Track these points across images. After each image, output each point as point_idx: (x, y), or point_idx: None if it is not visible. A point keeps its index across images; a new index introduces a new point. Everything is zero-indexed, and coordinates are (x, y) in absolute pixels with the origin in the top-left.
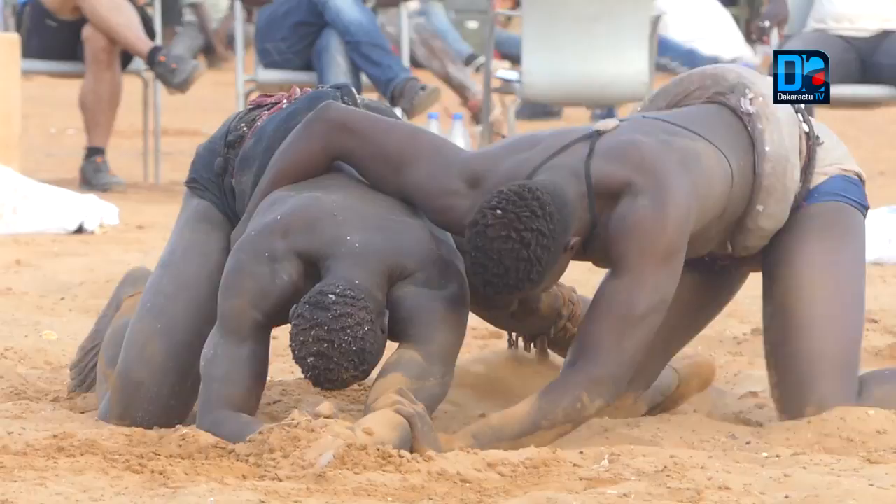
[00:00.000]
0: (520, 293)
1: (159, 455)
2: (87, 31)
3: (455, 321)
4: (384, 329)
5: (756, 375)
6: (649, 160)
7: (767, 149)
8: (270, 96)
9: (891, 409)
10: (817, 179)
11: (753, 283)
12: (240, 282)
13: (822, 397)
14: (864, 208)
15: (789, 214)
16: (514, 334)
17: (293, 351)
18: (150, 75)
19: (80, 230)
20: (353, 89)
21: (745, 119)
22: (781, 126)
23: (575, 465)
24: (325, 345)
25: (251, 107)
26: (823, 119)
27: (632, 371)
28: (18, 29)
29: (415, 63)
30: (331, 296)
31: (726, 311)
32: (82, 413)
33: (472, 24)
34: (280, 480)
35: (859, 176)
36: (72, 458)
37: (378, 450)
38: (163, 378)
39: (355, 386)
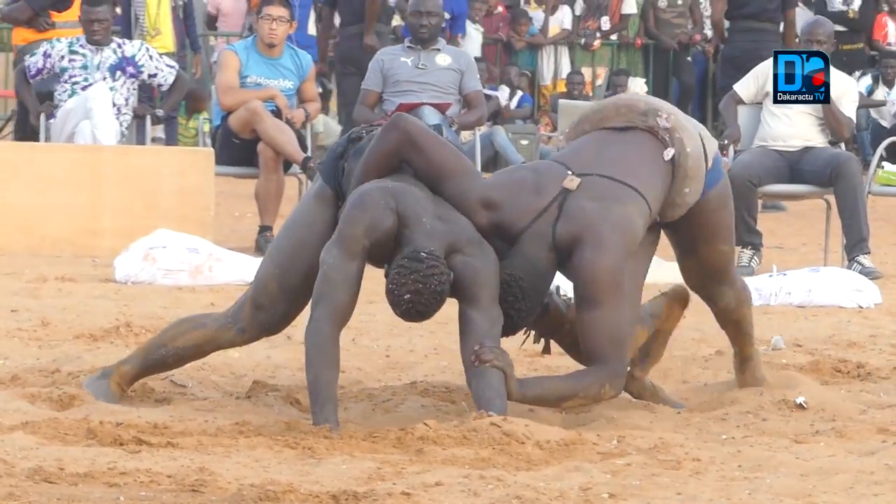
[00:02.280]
0: (515, 330)
1: (308, 436)
2: (260, 146)
3: (490, 277)
4: (451, 283)
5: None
6: (594, 222)
7: (689, 150)
8: (385, 118)
9: None
10: (709, 162)
11: (710, 321)
12: (361, 216)
13: (735, 287)
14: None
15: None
16: (531, 331)
17: (392, 291)
18: (303, 176)
19: None
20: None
21: (664, 133)
22: (691, 132)
23: (594, 443)
24: (420, 285)
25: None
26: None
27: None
28: (213, 145)
29: (484, 168)
30: (423, 254)
31: (697, 336)
32: (256, 407)
33: (524, 142)
34: (390, 454)
35: (719, 146)
36: (248, 439)
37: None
38: (276, 305)
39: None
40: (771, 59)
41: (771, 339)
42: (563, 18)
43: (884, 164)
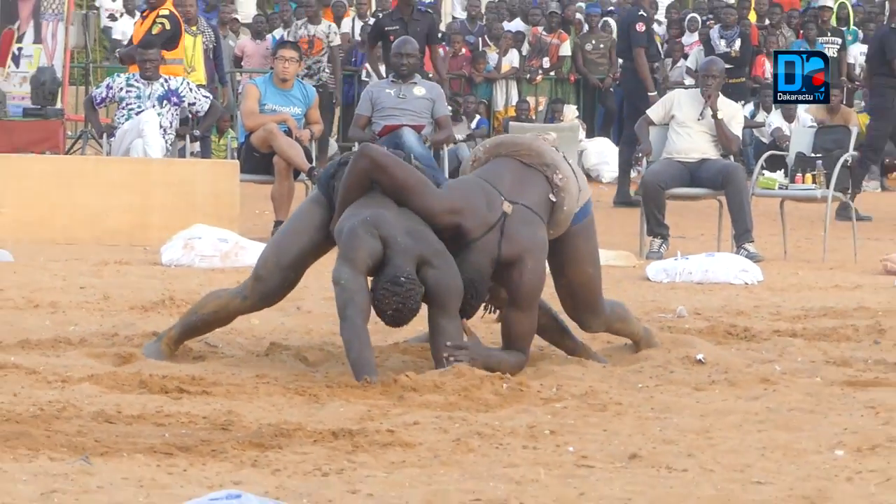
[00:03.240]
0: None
1: (314, 385)
2: (275, 159)
3: (456, 287)
4: (422, 295)
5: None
6: (530, 247)
7: (565, 208)
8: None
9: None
10: (578, 206)
11: None
12: (360, 243)
13: (602, 316)
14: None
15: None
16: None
17: (377, 306)
18: (309, 182)
19: None
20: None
21: (555, 188)
22: (572, 195)
23: (538, 391)
24: (401, 305)
25: None
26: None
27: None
28: (238, 158)
29: (451, 175)
30: (402, 278)
31: None
32: (273, 362)
33: None
34: (378, 400)
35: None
36: (266, 386)
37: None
38: (272, 277)
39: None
40: (675, 90)
41: (676, 309)
42: (512, 59)
43: (764, 172)
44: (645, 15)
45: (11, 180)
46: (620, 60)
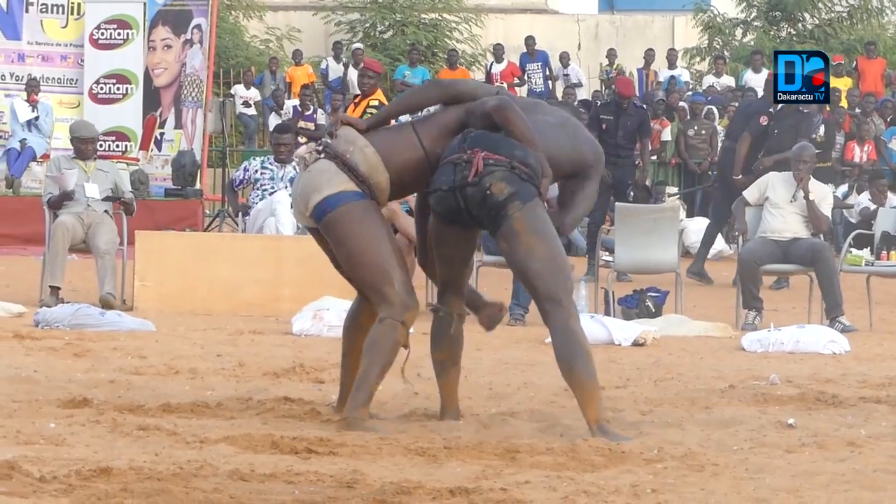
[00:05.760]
0: None
1: (433, 446)
2: (398, 235)
3: None
4: None
5: None
6: None
7: None
8: None
9: None
10: None
11: None
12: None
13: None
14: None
15: None
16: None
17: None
18: None
19: None
20: None
21: None
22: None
23: (640, 453)
24: None
25: None
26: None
27: None
28: None
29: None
30: None
31: (714, 373)
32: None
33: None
34: (492, 460)
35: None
36: (389, 447)
37: None
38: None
39: None
40: (769, 174)
41: (769, 377)
42: None
43: (852, 249)
44: (773, 111)
45: (154, 256)
46: (726, 141)
